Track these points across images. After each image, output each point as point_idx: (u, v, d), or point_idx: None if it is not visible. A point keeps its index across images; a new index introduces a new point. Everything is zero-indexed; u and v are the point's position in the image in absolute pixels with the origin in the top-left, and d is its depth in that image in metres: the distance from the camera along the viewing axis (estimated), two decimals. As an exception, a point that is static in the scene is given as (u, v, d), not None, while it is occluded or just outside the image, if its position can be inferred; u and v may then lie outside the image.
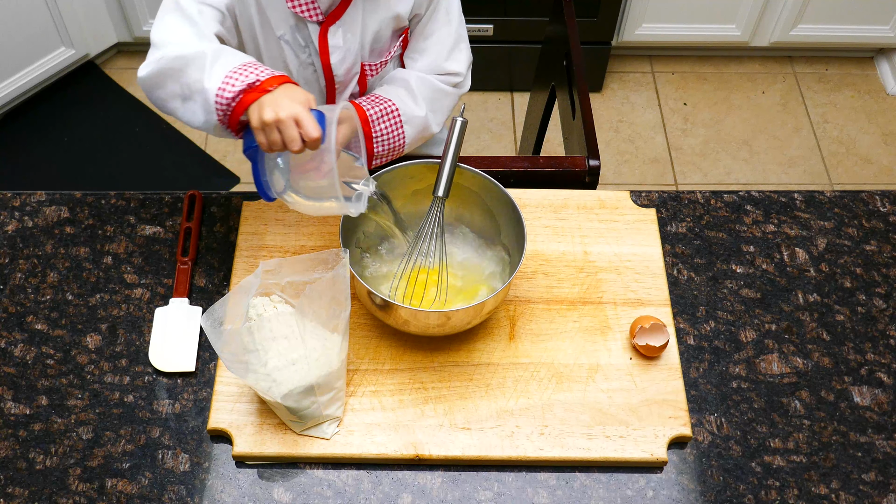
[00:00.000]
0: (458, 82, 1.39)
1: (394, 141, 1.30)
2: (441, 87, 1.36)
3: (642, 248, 1.34)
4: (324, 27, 1.26)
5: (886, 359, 1.26)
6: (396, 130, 1.30)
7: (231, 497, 1.12)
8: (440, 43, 1.35)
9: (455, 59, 1.37)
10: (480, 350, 1.22)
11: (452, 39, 1.36)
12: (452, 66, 1.37)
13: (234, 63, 1.07)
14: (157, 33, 1.14)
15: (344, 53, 1.30)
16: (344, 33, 1.28)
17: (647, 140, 2.63)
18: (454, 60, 1.37)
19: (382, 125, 1.28)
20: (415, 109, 1.31)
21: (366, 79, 1.37)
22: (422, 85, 1.33)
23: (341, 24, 1.27)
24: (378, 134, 1.28)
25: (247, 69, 1.06)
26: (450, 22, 1.35)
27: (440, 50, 1.35)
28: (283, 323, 1.10)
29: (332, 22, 1.26)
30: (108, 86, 2.67)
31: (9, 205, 1.38)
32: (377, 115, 1.27)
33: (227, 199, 1.39)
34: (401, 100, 1.31)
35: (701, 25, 2.64)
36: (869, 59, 2.86)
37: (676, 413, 1.17)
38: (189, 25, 1.13)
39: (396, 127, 1.30)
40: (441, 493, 1.13)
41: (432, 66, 1.36)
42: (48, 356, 1.22)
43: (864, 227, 1.40)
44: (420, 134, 1.34)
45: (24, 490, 1.12)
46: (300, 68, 1.32)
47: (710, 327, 1.28)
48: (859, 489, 1.15)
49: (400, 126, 1.30)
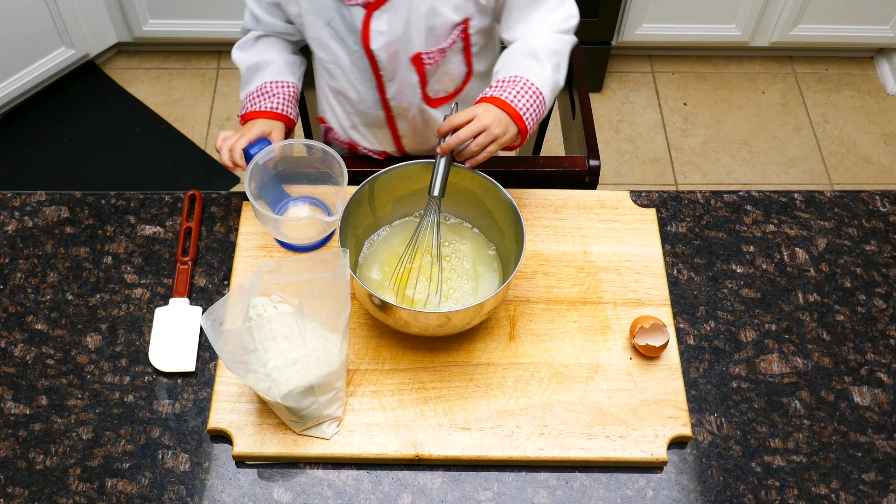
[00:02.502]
0: (575, 24, 1.34)
1: (539, 110, 1.26)
2: (559, 39, 1.31)
3: (642, 248, 1.34)
4: (368, 12, 1.26)
5: (886, 359, 1.26)
6: (537, 99, 1.25)
7: (231, 497, 1.12)
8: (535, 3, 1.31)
9: (560, 6, 1.32)
10: (480, 350, 1.22)
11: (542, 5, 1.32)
12: (564, 12, 1.32)
13: (249, 88, 1.39)
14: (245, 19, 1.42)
15: (388, 39, 1.29)
16: (389, 18, 1.27)
17: (647, 140, 2.63)
18: (563, 7, 1.32)
19: (523, 100, 1.23)
20: (543, 73, 1.26)
21: (423, 67, 1.34)
22: (543, 45, 1.28)
23: (387, 9, 1.26)
24: (523, 110, 1.23)
25: (248, 101, 1.38)
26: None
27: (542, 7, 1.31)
28: (283, 323, 1.10)
29: (377, 7, 1.26)
30: (108, 86, 2.67)
31: (9, 205, 1.38)
32: (514, 94, 1.23)
33: (227, 199, 1.39)
34: (529, 69, 1.26)
35: (701, 25, 2.64)
36: (869, 59, 2.86)
37: (676, 413, 1.18)
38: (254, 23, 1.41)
39: (537, 96, 1.25)
40: (441, 493, 1.13)
41: (543, 25, 1.32)
42: (48, 356, 1.22)
43: (864, 227, 1.40)
44: (553, 93, 1.30)
45: (24, 490, 1.12)
46: (349, 55, 1.33)
47: (710, 327, 1.28)
48: (859, 489, 1.15)
49: (539, 94, 1.25)
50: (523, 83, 1.24)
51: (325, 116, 1.52)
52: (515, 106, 1.22)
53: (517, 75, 1.25)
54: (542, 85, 1.25)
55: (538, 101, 1.25)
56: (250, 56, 1.40)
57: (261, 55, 1.39)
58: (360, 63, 1.34)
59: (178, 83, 2.69)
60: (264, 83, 1.37)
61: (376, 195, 1.25)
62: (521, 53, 1.29)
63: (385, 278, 1.26)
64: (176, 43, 2.73)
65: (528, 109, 1.23)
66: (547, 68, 1.27)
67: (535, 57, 1.27)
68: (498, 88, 1.24)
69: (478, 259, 1.29)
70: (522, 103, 1.23)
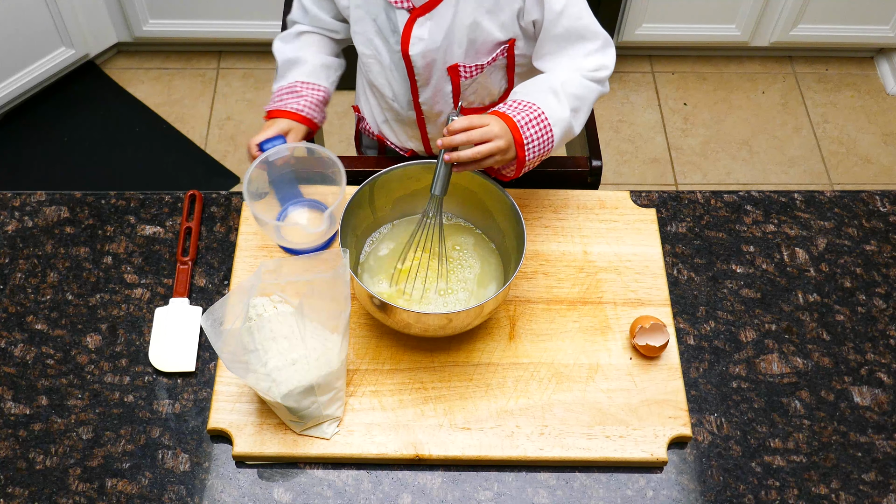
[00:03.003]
0: (605, 76, 1.29)
1: (543, 145, 1.21)
2: (586, 85, 1.26)
3: (642, 248, 1.34)
4: (412, 17, 1.27)
5: (886, 359, 1.26)
6: (546, 134, 1.20)
7: (231, 497, 1.12)
8: (577, 43, 1.27)
9: (601, 53, 1.29)
10: (480, 350, 1.22)
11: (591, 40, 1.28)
12: (598, 61, 1.28)
13: (281, 83, 1.40)
14: (293, 10, 1.44)
15: (427, 46, 1.29)
16: (431, 26, 1.27)
17: (647, 140, 2.63)
18: (599, 55, 1.29)
19: (531, 130, 1.19)
20: (560, 111, 1.22)
21: (459, 79, 1.34)
22: (567, 84, 1.24)
23: (430, 17, 1.27)
24: (529, 140, 1.18)
25: (276, 96, 1.38)
26: (580, 17, 1.26)
27: (581, 50, 1.28)
28: (283, 323, 1.10)
29: (422, 13, 1.26)
30: (108, 86, 2.67)
31: (9, 205, 1.38)
32: (525, 121, 1.18)
33: (227, 199, 1.39)
34: (546, 102, 1.21)
35: (701, 25, 2.64)
36: (869, 59, 2.86)
37: (676, 413, 1.17)
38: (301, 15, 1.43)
39: (546, 131, 1.20)
40: (441, 493, 1.13)
41: (575, 66, 1.28)
42: (48, 356, 1.22)
43: (864, 227, 1.40)
44: (565, 136, 1.24)
45: (24, 490, 1.12)
46: (389, 53, 1.33)
47: (710, 327, 1.28)
48: (859, 489, 1.15)
49: (549, 130, 1.20)
50: (538, 114, 1.19)
51: (361, 106, 1.53)
52: (522, 132, 1.18)
53: (534, 103, 1.20)
54: (555, 122, 1.21)
55: (546, 136, 1.20)
56: (289, 50, 1.41)
57: (299, 51, 1.40)
58: (398, 64, 1.34)
59: (178, 83, 2.69)
60: (296, 81, 1.38)
61: (376, 195, 1.25)
62: (543, 85, 1.24)
63: (385, 279, 1.26)
64: (176, 43, 2.73)
65: (533, 141, 1.18)
66: (565, 109, 1.22)
67: (556, 94, 1.22)
68: (511, 108, 1.20)
69: (478, 259, 1.29)
70: (530, 133, 1.18)
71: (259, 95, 2.67)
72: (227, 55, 2.76)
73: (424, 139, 1.48)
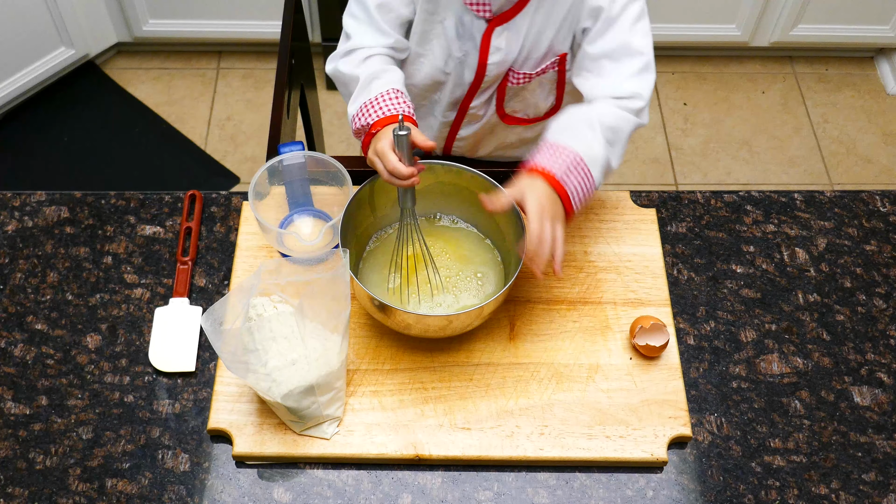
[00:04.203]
0: (640, 108, 1.23)
1: (586, 191, 1.16)
2: (622, 116, 1.21)
3: (642, 248, 1.34)
4: (490, 26, 1.26)
5: (886, 359, 1.26)
6: (587, 180, 1.16)
7: (231, 497, 1.12)
8: (618, 60, 1.23)
9: (638, 78, 1.23)
10: (480, 350, 1.22)
11: (634, 56, 1.23)
12: (633, 87, 1.22)
13: (369, 95, 1.21)
14: (346, 22, 1.32)
15: (503, 56, 1.28)
16: (508, 36, 1.27)
17: (647, 140, 2.63)
18: (636, 80, 1.23)
19: (572, 179, 1.14)
20: (597, 149, 1.17)
21: (506, 85, 1.33)
22: (603, 118, 1.19)
23: (508, 27, 1.26)
24: (572, 191, 1.14)
25: (374, 106, 1.20)
26: (632, 33, 1.22)
27: (619, 69, 1.23)
28: (283, 323, 1.10)
29: (500, 23, 1.25)
30: (108, 86, 2.67)
31: (9, 205, 1.38)
32: (564, 171, 1.13)
33: (227, 199, 1.39)
34: (583, 142, 1.17)
35: (701, 25, 2.64)
36: (869, 59, 2.86)
37: (676, 413, 1.18)
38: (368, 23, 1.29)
39: (586, 177, 1.16)
40: (441, 493, 1.13)
41: (610, 88, 1.23)
42: (48, 356, 1.22)
43: (864, 227, 1.40)
44: (605, 174, 1.20)
45: (24, 490, 1.12)
46: (449, 57, 1.31)
47: (710, 327, 1.28)
48: (859, 489, 1.15)
49: (588, 175, 1.16)
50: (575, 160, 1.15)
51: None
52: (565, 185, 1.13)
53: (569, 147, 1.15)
54: (592, 163, 1.16)
55: (588, 181, 1.16)
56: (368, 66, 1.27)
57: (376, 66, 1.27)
58: (457, 69, 1.32)
59: (178, 83, 2.69)
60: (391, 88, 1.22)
61: (377, 196, 1.25)
62: (579, 119, 1.20)
63: (385, 280, 1.26)
64: (176, 43, 2.73)
65: (578, 191, 1.14)
66: (601, 144, 1.17)
67: (592, 128, 1.18)
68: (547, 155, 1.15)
69: (478, 260, 1.29)
70: (572, 185, 1.14)
71: (259, 95, 2.67)
72: (227, 55, 2.76)
73: (450, 139, 1.47)
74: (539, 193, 1.10)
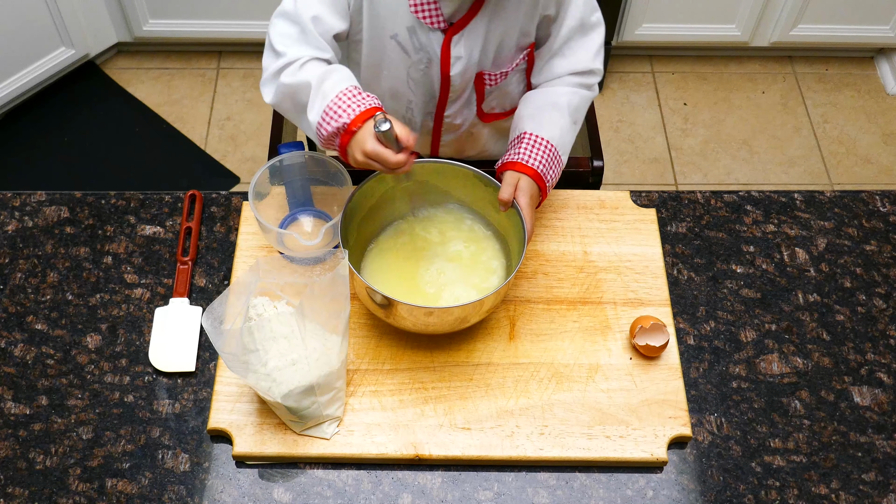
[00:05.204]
0: (595, 82, 1.35)
1: (557, 176, 1.29)
2: (582, 95, 1.33)
3: (642, 248, 1.34)
4: (448, 35, 1.25)
5: (886, 359, 1.26)
6: (560, 166, 1.29)
7: (231, 497, 1.12)
8: (582, 37, 1.31)
9: (597, 54, 1.32)
10: (480, 350, 1.22)
11: (594, 29, 1.32)
12: (592, 63, 1.33)
13: (331, 94, 1.13)
14: (277, 40, 1.20)
15: (465, 64, 1.28)
16: (466, 43, 1.26)
17: (647, 140, 2.63)
18: (597, 56, 1.32)
19: (551, 171, 1.26)
20: (567, 135, 1.30)
21: (483, 87, 1.34)
22: (571, 100, 1.31)
23: (464, 35, 1.25)
24: (550, 181, 1.26)
25: (340, 104, 1.12)
26: (586, 5, 1.30)
27: (584, 46, 1.31)
28: (283, 323, 1.10)
29: (456, 31, 1.24)
30: (108, 86, 2.67)
31: (9, 205, 1.38)
32: (545, 165, 1.25)
33: (227, 199, 1.39)
34: (556, 130, 1.28)
35: (701, 25, 2.64)
36: (869, 59, 2.86)
37: (676, 413, 1.18)
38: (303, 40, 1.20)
39: (560, 164, 1.29)
40: (441, 493, 1.13)
41: (572, 67, 1.32)
42: (48, 356, 1.22)
43: (864, 227, 1.40)
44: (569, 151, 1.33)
45: (24, 490, 1.12)
46: (410, 68, 1.30)
47: (710, 327, 1.28)
48: (859, 489, 1.15)
49: (561, 162, 1.29)
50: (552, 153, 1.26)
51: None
52: (545, 178, 1.24)
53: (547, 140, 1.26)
54: (564, 150, 1.29)
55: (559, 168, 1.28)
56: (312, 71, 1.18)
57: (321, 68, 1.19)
58: (422, 80, 1.31)
59: (178, 83, 2.69)
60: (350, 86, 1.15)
61: (377, 195, 1.25)
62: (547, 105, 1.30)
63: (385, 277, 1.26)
64: (176, 43, 2.73)
65: (551, 179, 1.27)
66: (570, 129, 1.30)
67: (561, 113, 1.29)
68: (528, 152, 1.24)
69: (478, 259, 1.29)
70: (550, 175, 1.26)
71: (259, 95, 2.66)
72: (227, 55, 2.76)
73: (434, 145, 1.47)
74: (529, 191, 1.21)
